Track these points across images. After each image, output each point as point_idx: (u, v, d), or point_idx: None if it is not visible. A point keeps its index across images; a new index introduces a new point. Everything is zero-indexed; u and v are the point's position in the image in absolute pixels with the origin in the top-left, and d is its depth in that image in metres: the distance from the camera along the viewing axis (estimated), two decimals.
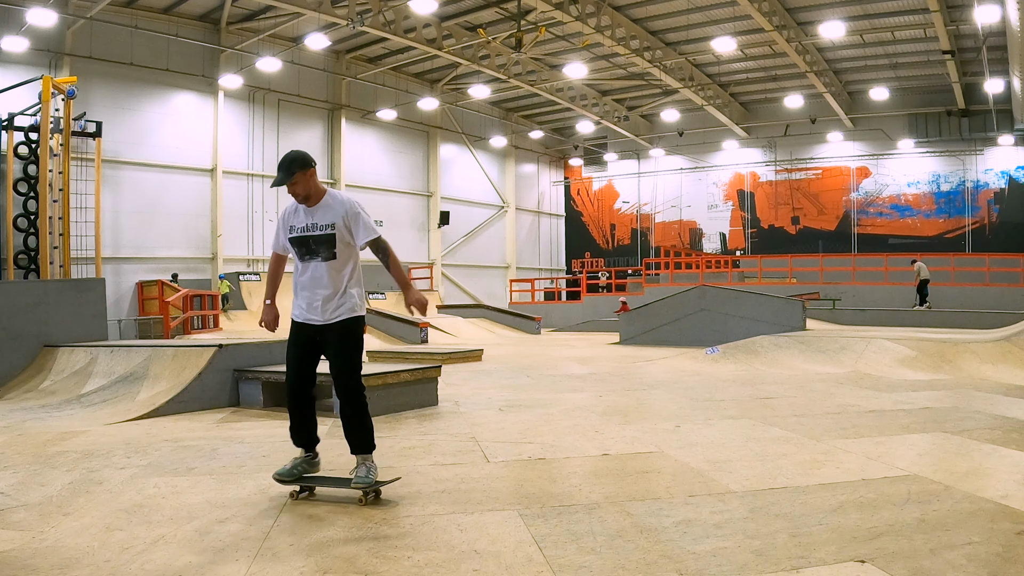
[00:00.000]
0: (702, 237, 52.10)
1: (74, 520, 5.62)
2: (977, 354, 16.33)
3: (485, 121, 49.50)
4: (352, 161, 40.56)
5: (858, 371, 16.27)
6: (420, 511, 5.89)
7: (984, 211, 43.22)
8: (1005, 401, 11.54)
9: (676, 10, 33.64)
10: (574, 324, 37.38)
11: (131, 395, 11.41)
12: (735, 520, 5.54)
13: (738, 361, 18.34)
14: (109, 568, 4.63)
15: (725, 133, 48.85)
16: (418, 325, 27.55)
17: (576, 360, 20.71)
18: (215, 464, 7.56)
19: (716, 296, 25.83)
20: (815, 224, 47.96)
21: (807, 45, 35.54)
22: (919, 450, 8.03)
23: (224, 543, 5.10)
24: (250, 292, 32.20)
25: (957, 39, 32.72)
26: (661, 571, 4.53)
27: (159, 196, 32.23)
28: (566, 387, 14.30)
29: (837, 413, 10.60)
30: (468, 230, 48.85)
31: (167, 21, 31.74)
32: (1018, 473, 6.76)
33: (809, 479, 6.77)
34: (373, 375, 10.59)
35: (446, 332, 30.19)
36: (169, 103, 32.86)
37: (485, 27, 33.51)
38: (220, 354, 11.59)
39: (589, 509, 5.87)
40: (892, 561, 4.60)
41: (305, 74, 37.20)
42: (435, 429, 9.45)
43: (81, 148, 28.08)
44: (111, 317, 24.75)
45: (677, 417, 10.43)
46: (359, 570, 4.61)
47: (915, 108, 43.22)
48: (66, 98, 25.23)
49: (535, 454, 7.87)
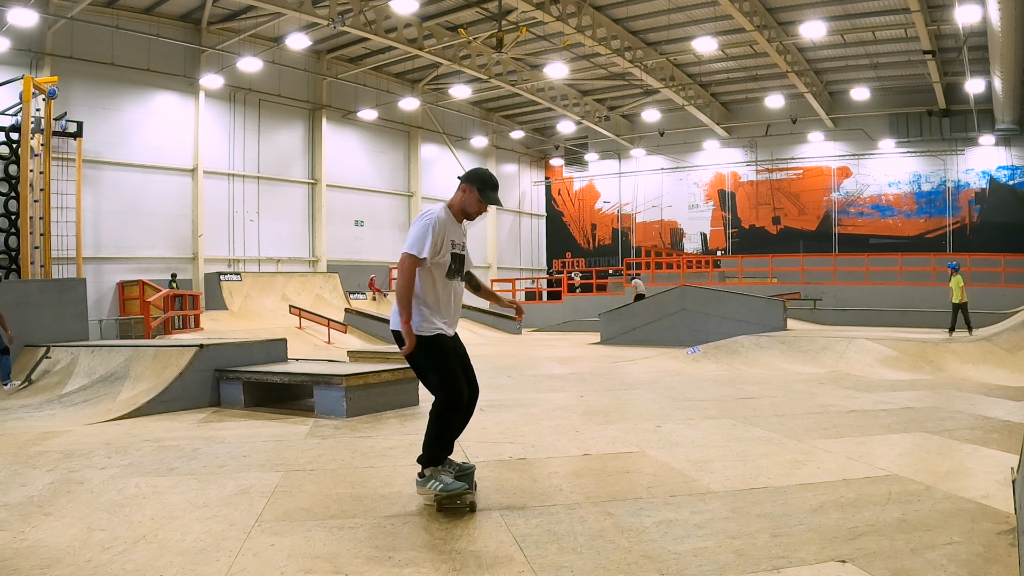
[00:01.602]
0: (683, 237, 52.12)
1: (55, 520, 5.61)
2: (958, 354, 16.42)
3: (466, 121, 49.44)
4: (333, 161, 40.44)
5: (839, 371, 16.33)
6: (401, 510, 5.89)
7: (965, 211, 43.33)
8: (986, 401, 11.61)
9: (657, 10, 33.63)
10: (555, 324, 37.44)
11: (112, 395, 11.40)
12: (716, 520, 5.56)
13: (719, 361, 18.40)
14: (90, 568, 4.62)
15: (706, 133, 48.87)
16: None
17: (557, 360, 20.74)
18: (196, 464, 7.55)
19: (697, 296, 25.88)
20: (796, 224, 48.04)
21: (788, 45, 35.59)
22: (900, 450, 8.07)
23: (205, 543, 5.09)
24: (231, 292, 32.10)
25: (938, 39, 32.84)
26: (642, 571, 4.54)
27: (140, 196, 32.09)
28: (547, 387, 14.32)
29: (818, 413, 10.63)
30: None
31: (148, 21, 31.60)
32: (999, 473, 6.79)
33: (790, 479, 6.79)
34: (354, 375, 10.61)
35: None
36: (150, 103, 32.71)
37: (466, 27, 33.45)
38: (201, 354, 11.58)
39: (570, 509, 5.89)
40: (873, 561, 4.62)
41: (286, 74, 37.11)
42: (416, 429, 9.42)
43: (62, 148, 27.91)
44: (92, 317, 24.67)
45: (658, 417, 10.44)
46: (340, 570, 4.61)
47: (896, 108, 43.31)
48: (47, 98, 25.08)
49: (516, 454, 7.87)
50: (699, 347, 19.88)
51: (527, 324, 36.92)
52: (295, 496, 6.35)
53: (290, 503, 6.15)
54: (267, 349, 12.96)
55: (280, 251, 37.86)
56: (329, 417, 10.47)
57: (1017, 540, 4.80)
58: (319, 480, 6.92)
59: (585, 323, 34.19)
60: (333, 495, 6.35)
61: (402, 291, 5.94)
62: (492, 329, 33.86)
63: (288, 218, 38.47)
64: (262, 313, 31.31)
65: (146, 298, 28.00)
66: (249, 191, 36.49)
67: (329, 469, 7.33)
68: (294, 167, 38.83)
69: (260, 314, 31.09)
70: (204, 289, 32.50)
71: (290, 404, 11.81)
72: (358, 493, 6.44)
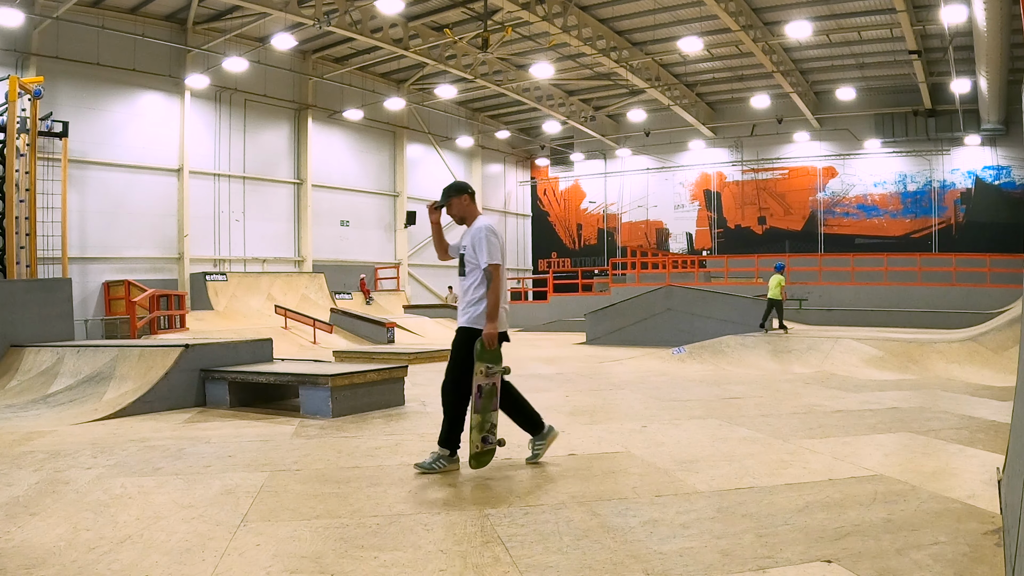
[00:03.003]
0: (668, 237, 52.10)
1: (41, 520, 5.59)
2: (943, 354, 16.46)
3: (452, 121, 49.37)
4: (319, 161, 40.33)
5: (825, 371, 16.37)
6: (387, 511, 5.89)
7: (951, 211, 43.38)
8: (971, 401, 11.65)
9: (643, 10, 33.63)
10: (540, 324, 37.38)
11: (97, 395, 11.37)
12: (702, 520, 5.57)
13: (705, 361, 18.44)
14: (76, 568, 4.61)
15: (691, 133, 48.86)
16: (384, 325, 27.51)
17: (543, 360, 20.77)
18: (181, 464, 7.54)
19: (683, 296, 25.93)
20: (782, 224, 48.06)
21: (774, 45, 35.61)
22: (886, 450, 8.09)
23: (191, 543, 5.08)
24: (216, 292, 32.03)
25: (924, 39, 32.89)
26: (627, 571, 4.55)
27: (126, 196, 31.97)
28: (533, 387, 14.28)
29: (804, 413, 10.66)
30: None
31: (134, 21, 31.47)
32: (985, 473, 6.82)
33: (776, 479, 6.81)
34: (339, 375, 10.61)
35: (413, 332, 30.15)
36: (136, 103, 32.59)
37: (452, 27, 33.40)
38: (187, 354, 11.57)
39: (556, 509, 5.89)
40: (858, 561, 4.63)
41: (272, 74, 37.03)
42: (402, 429, 9.44)
43: (48, 148, 27.81)
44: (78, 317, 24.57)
45: (644, 417, 10.46)
46: (325, 570, 4.60)
47: (881, 108, 43.36)
48: (32, 98, 24.97)
49: (502, 454, 7.86)
50: (685, 347, 19.91)
51: (513, 324, 36.86)
52: (281, 496, 6.35)
53: (276, 503, 6.14)
54: (253, 349, 12.95)
55: (266, 251, 37.77)
56: (315, 417, 10.47)
57: (1003, 540, 4.81)
58: (305, 480, 6.91)
59: (571, 323, 34.17)
60: (319, 495, 6.35)
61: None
62: None
63: (274, 218, 38.36)
64: (248, 313, 31.26)
65: (132, 298, 27.93)
66: (235, 191, 36.41)
67: (315, 469, 7.33)
68: (280, 167, 38.72)
69: (246, 314, 31.03)
70: (190, 289, 32.40)
71: (276, 404, 11.81)
72: (344, 493, 6.44)
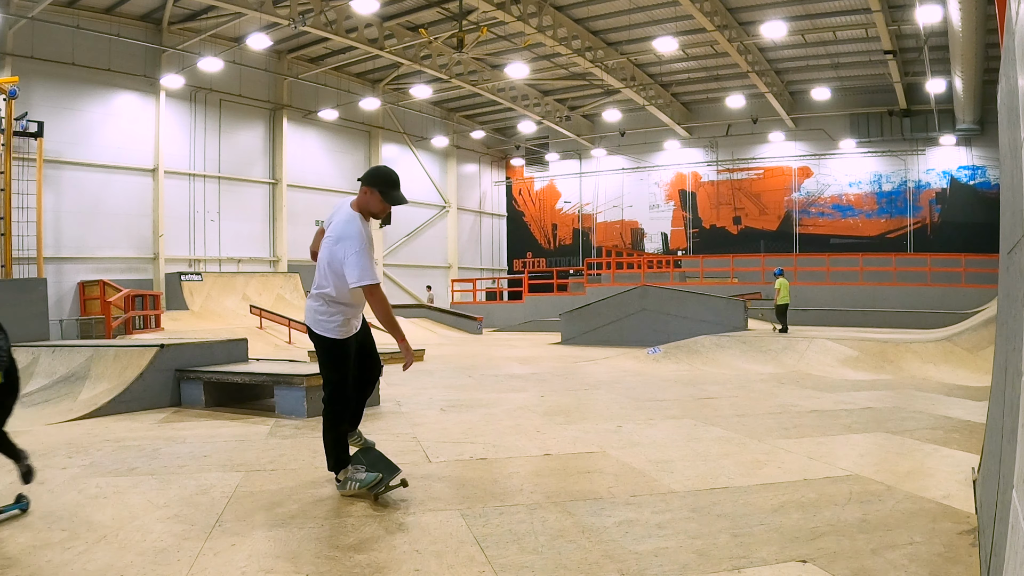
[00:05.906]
0: (644, 237, 52.16)
1: (15, 520, 5.58)
2: (919, 354, 16.56)
3: (427, 121, 49.30)
4: (294, 161, 40.20)
5: (800, 371, 16.44)
6: (361, 512, 5.89)
7: (926, 211, 43.54)
8: (946, 401, 11.72)
9: (618, 10, 33.67)
10: (516, 324, 37.44)
11: (73, 395, 11.32)
12: (677, 520, 5.59)
13: (680, 361, 18.48)
14: (51, 568, 4.60)
15: (667, 133, 48.95)
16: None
17: (518, 360, 20.76)
18: (157, 464, 7.51)
19: (658, 296, 25.96)
20: (757, 224, 48.19)
21: (749, 45, 35.72)
22: (861, 450, 8.13)
23: (166, 543, 5.07)
24: (192, 292, 31.90)
25: (899, 39, 33.03)
26: (603, 571, 4.56)
27: (101, 196, 31.80)
28: (508, 387, 14.33)
29: (779, 413, 10.70)
30: (410, 230, 48.57)
31: (109, 21, 31.31)
32: (960, 473, 6.86)
33: (751, 479, 6.83)
34: (314, 375, 10.57)
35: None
36: (111, 103, 32.41)
37: (427, 27, 33.40)
38: (162, 354, 11.53)
39: (531, 509, 5.91)
40: (834, 561, 4.66)
41: (247, 74, 36.91)
42: (376, 429, 9.42)
43: (23, 148, 27.66)
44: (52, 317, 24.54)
45: (619, 417, 10.48)
46: (300, 570, 4.60)
47: (857, 108, 43.51)
48: (7, 98, 24.90)
49: (477, 454, 7.88)
50: (660, 347, 19.95)
51: (488, 324, 36.93)
52: (256, 496, 6.34)
53: (251, 503, 6.13)
54: (228, 349, 12.91)
55: (241, 251, 37.63)
56: (290, 417, 10.46)
57: (978, 540, 4.84)
58: (280, 480, 6.90)
59: (546, 323, 34.24)
60: (294, 495, 6.34)
61: (392, 318, 6.22)
62: (452, 329, 33.88)
63: (249, 218, 38.23)
64: (223, 313, 31.15)
65: (107, 298, 27.82)
66: (210, 191, 36.26)
67: (290, 469, 7.31)
68: (255, 167, 38.58)
69: (221, 314, 30.92)
70: (165, 289, 32.26)
71: (251, 404, 11.78)
72: (319, 493, 6.43)
